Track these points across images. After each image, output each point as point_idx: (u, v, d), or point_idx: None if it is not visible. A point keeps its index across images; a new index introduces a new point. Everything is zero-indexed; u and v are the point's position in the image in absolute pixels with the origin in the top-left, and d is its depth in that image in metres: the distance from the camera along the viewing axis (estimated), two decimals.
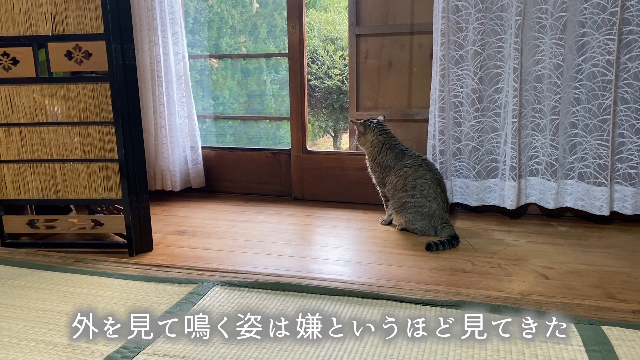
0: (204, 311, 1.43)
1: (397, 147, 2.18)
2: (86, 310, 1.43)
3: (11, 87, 1.90)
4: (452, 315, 1.38)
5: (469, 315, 1.33)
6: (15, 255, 1.92)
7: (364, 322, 1.35)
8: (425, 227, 2.08)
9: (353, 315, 1.39)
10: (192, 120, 2.74)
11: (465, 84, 2.24)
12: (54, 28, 1.83)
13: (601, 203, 2.09)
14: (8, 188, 1.97)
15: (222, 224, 2.32)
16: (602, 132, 2.07)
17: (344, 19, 4.42)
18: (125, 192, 1.90)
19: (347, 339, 1.28)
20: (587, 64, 2.06)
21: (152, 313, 1.43)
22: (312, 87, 4.33)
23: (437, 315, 1.38)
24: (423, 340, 1.27)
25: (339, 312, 1.41)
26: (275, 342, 1.27)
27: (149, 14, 2.55)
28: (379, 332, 1.30)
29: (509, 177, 2.19)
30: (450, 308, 1.43)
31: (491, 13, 2.15)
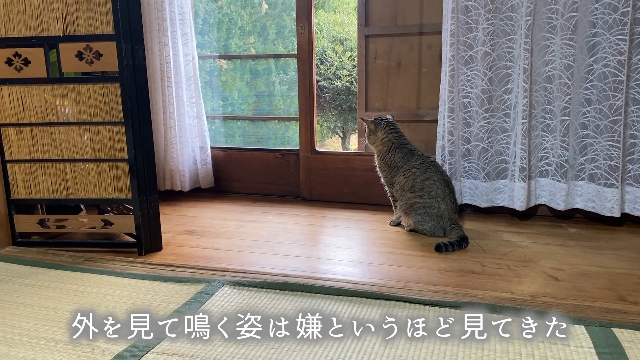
0: (212, 311, 1.43)
1: (405, 147, 2.18)
2: (88, 310, 1.44)
3: (23, 88, 1.91)
4: (462, 317, 1.37)
5: (474, 315, 1.33)
6: (26, 254, 1.94)
7: (373, 323, 1.34)
8: (434, 228, 2.07)
9: (362, 316, 1.39)
10: (202, 120, 2.75)
11: (475, 84, 2.23)
12: (65, 29, 1.85)
13: (612, 204, 2.07)
14: (19, 187, 1.99)
15: (230, 224, 2.33)
16: (613, 133, 2.05)
17: (352, 19, 4.42)
18: (135, 192, 1.91)
19: (355, 339, 1.28)
20: (598, 65, 2.04)
21: (161, 312, 1.43)
22: (320, 87, 4.34)
23: (445, 316, 1.37)
24: (433, 341, 1.26)
25: (347, 313, 1.41)
26: (283, 343, 1.27)
27: (159, 15, 2.57)
28: (390, 332, 1.30)
29: (518, 178, 2.18)
30: (460, 309, 1.42)
31: (501, 13, 2.14)
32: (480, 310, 1.39)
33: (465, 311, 1.40)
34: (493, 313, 1.39)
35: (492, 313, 1.39)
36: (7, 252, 1.97)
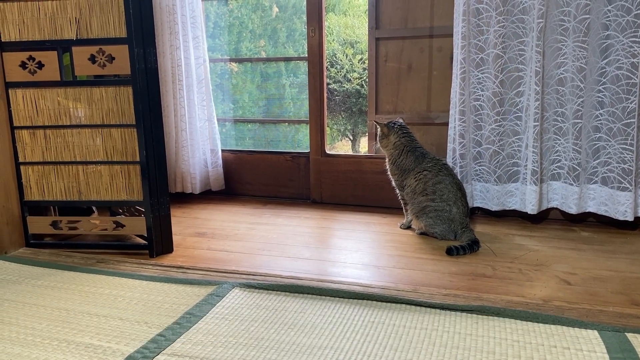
0: (223, 312, 1.44)
1: (417, 150, 2.17)
2: None
3: (36, 90, 1.94)
4: (473, 320, 1.36)
5: (485, 318, 1.32)
6: (39, 256, 1.96)
7: (384, 325, 1.34)
8: (445, 231, 2.06)
9: (372, 319, 1.39)
10: (212, 123, 2.77)
11: (486, 87, 2.22)
12: (78, 32, 1.86)
13: (625, 208, 2.05)
14: (32, 189, 2.01)
15: (241, 227, 2.33)
16: (627, 136, 2.03)
17: (363, 22, 4.43)
18: (147, 194, 1.92)
19: (365, 342, 1.27)
20: (611, 67, 2.03)
21: (172, 314, 1.44)
22: (330, 90, 4.34)
23: (457, 320, 1.36)
24: (443, 345, 1.26)
25: (357, 316, 1.41)
26: (294, 346, 1.27)
27: (171, 19, 2.58)
28: (397, 334, 1.29)
29: (530, 181, 2.16)
30: (471, 313, 1.41)
31: (512, 16, 2.13)
32: (491, 314, 1.39)
33: (477, 315, 1.39)
34: (504, 317, 1.38)
35: (504, 317, 1.38)
36: (21, 254, 1.99)
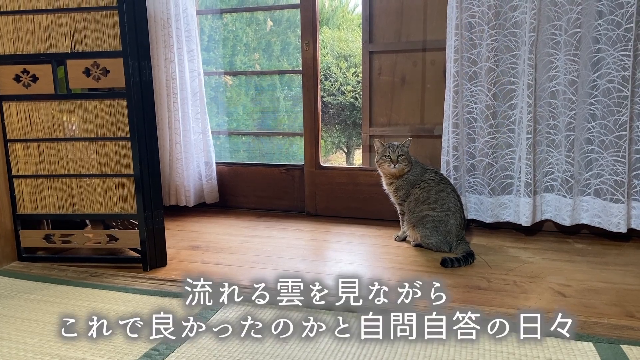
0: (217, 326, 1.43)
1: (419, 164, 2.20)
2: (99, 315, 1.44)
3: (30, 104, 1.93)
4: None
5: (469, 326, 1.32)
6: (31, 270, 1.94)
7: None
8: (440, 243, 2.07)
9: None
10: (207, 136, 2.77)
11: (479, 100, 2.24)
12: (73, 46, 1.87)
13: (618, 220, 2.06)
14: (25, 203, 2.00)
15: (235, 239, 2.33)
16: (619, 149, 2.05)
17: (356, 36, 4.46)
18: (141, 207, 1.91)
19: (361, 355, 1.27)
20: (602, 80, 2.05)
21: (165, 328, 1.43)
22: (325, 103, 4.36)
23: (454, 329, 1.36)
24: (439, 357, 1.25)
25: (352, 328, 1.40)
26: (287, 357, 1.26)
27: (166, 32, 2.59)
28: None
29: (524, 193, 2.17)
30: None
31: (505, 30, 2.16)
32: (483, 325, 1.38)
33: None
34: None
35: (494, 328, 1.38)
36: (13, 268, 1.97)
